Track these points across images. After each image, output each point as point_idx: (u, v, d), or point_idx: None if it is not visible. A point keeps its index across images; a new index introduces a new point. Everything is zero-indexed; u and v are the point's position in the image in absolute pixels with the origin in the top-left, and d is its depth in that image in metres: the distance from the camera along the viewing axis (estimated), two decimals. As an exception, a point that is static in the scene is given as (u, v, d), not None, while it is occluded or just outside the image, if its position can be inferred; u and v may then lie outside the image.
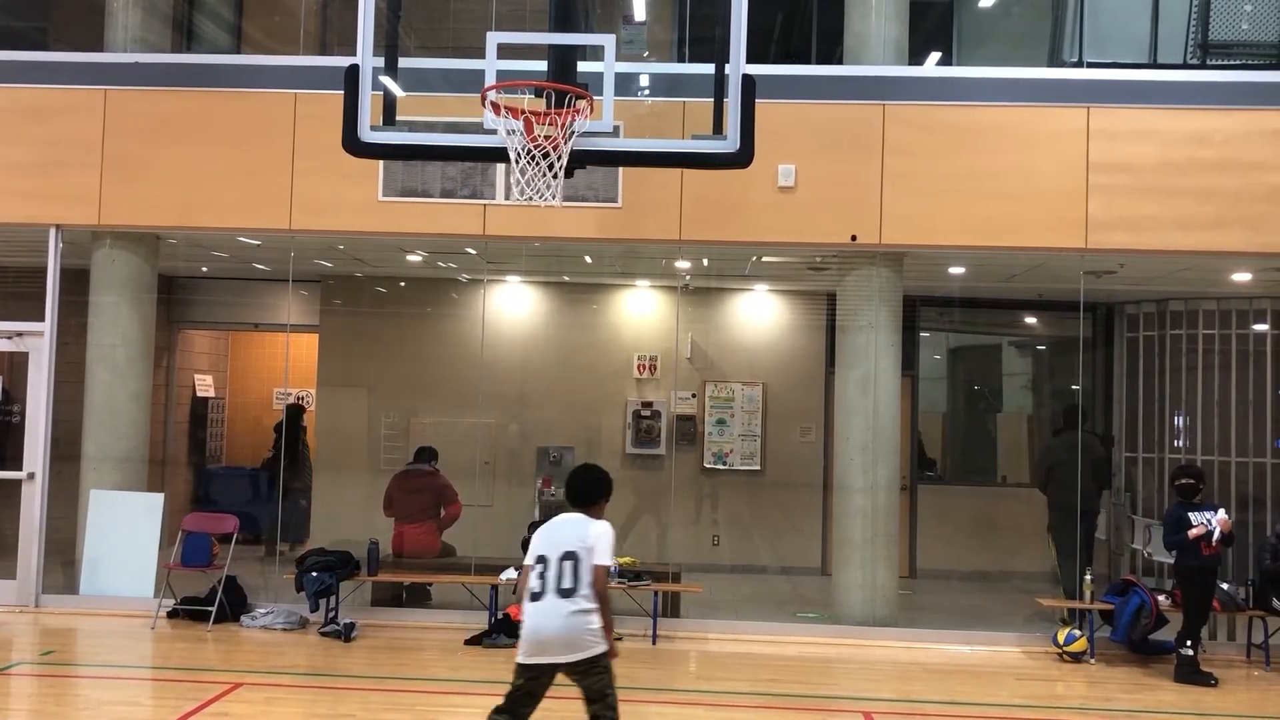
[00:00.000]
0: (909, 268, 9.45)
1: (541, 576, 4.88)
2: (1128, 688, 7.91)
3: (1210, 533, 7.97)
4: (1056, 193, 8.85)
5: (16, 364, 9.89)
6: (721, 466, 11.99)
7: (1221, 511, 8.11)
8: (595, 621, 4.87)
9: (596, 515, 5.09)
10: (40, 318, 9.40)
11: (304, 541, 11.30)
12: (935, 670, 8.25)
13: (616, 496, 5.33)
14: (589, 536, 4.94)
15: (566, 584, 4.86)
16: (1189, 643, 8.00)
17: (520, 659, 4.93)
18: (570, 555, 4.89)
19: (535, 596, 4.89)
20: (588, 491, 5.15)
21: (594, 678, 4.91)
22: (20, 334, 9.49)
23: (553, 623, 4.85)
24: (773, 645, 8.81)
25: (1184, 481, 8.27)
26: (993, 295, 12.08)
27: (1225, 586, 8.62)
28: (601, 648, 4.90)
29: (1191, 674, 7.94)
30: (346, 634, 8.50)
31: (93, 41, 9.74)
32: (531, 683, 4.95)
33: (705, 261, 10.61)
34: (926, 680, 7.97)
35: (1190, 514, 8.08)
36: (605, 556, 4.94)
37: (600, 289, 12.16)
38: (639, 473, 11.88)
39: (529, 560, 4.99)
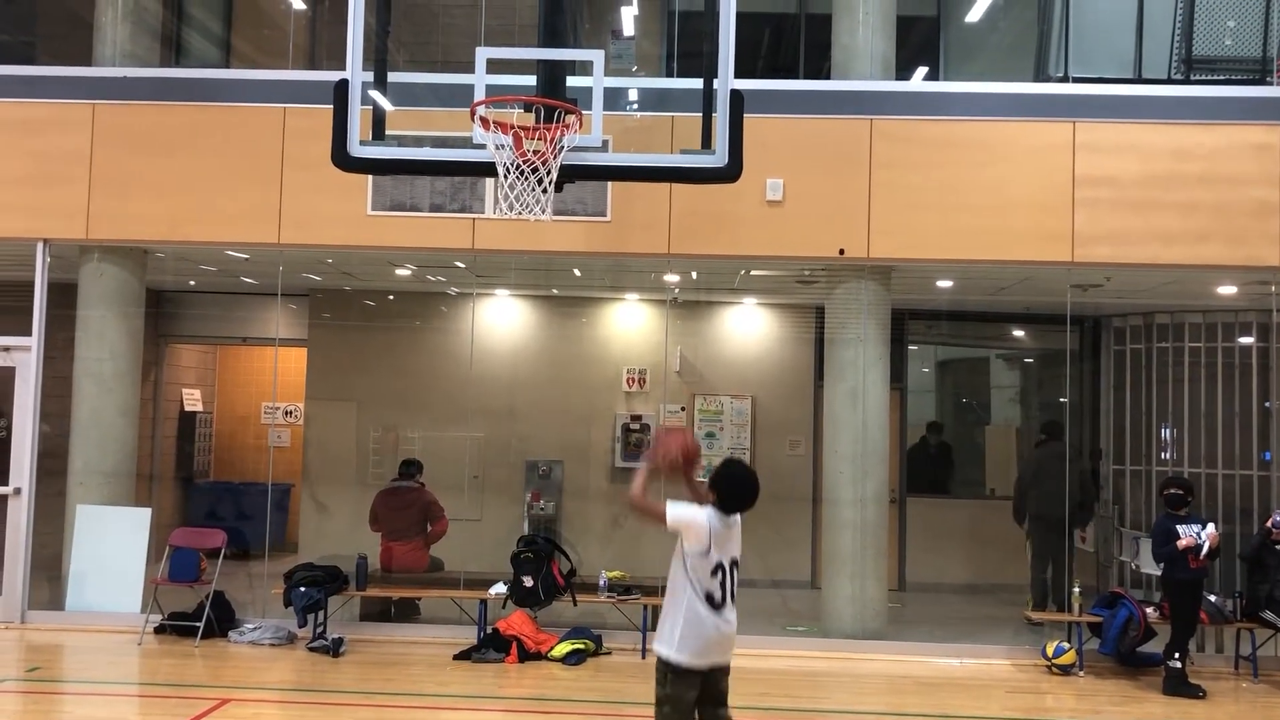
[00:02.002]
0: (897, 281, 9.49)
1: (723, 585, 4.84)
2: (1116, 700, 7.92)
3: (1199, 546, 8.00)
4: (1042, 206, 8.91)
5: (3, 378, 9.83)
6: (711, 480, 11.95)
7: (1211, 526, 8.15)
8: None
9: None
10: (27, 332, 9.37)
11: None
12: (925, 683, 8.25)
13: (604, 510, 5.33)
14: (740, 540, 4.96)
15: (734, 590, 4.93)
16: (1177, 655, 8.02)
17: (694, 662, 4.83)
18: (735, 563, 4.94)
19: (717, 605, 4.83)
20: (753, 502, 4.96)
21: (726, 680, 5.01)
22: (7, 348, 9.46)
23: (729, 630, 4.91)
24: (762, 659, 8.79)
25: (1172, 491, 8.31)
26: (980, 308, 12.13)
27: (1213, 598, 8.66)
28: None
29: (1180, 686, 7.96)
30: (335, 649, 8.46)
31: (81, 56, 9.73)
32: (701, 686, 4.88)
33: (694, 275, 10.63)
34: (916, 693, 7.97)
35: (1178, 526, 8.12)
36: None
37: (589, 302, 12.16)
38: (628, 486, 11.81)
39: (709, 556, 4.78)
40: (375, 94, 6.43)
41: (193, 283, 12.08)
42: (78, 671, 8.31)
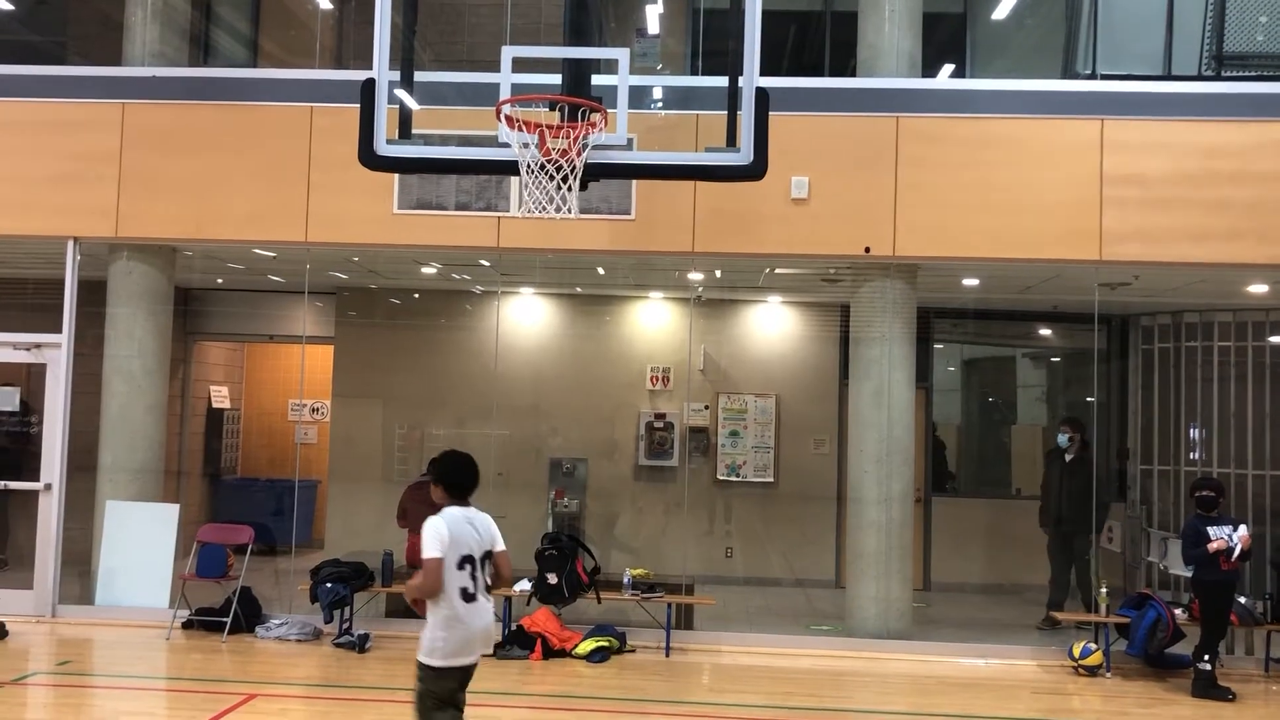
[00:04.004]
0: (923, 279, 9.44)
1: (473, 577, 4.95)
2: (1144, 702, 7.86)
3: (1231, 549, 7.92)
4: (1070, 204, 8.84)
5: (34, 375, 9.95)
6: (735, 478, 11.98)
7: (1243, 528, 8.05)
8: None
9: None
10: (58, 329, 9.47)
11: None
12: (950, 683, 8.22)
13: (629, 507, 5.35)
14: (496, 535, 5.11)
15: (488, 583, 5.04)
16: (1206, 657, 7.95)
17: (450, 662, 4.94)
18: (488, 555, 5.04)
19: (470, 598, 4.93)
20: (475, 480, 5.22)
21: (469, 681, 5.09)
22: (38, 345, 9.56)
23: (485, 622, 5.00)
24: (786, 658, 8.79)
25: (1204, 493, 8.22)
26: (1007, 307, 12.05)
27: (1243, 600, 8.57)
28: None
29: (1209, 688, 7.89)
30: (361, 645, 8.51)
31: (111, 56, 9.83)
32: (461, 685, 5.02)
33: (718, 273, 10.62)
34: (941, 693, 7.94)
35: (1209, 528, 8.04)
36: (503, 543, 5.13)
37: (613, 301, 12.18)
38: (652, 484, 11.87)
39: (447, 555, 4.94)
40: (402, 93, 6.46)
41: (220, 281, 12.18)
42: (107, 665, 8.39)
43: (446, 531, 4.95)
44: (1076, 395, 12.38)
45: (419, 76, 6.71)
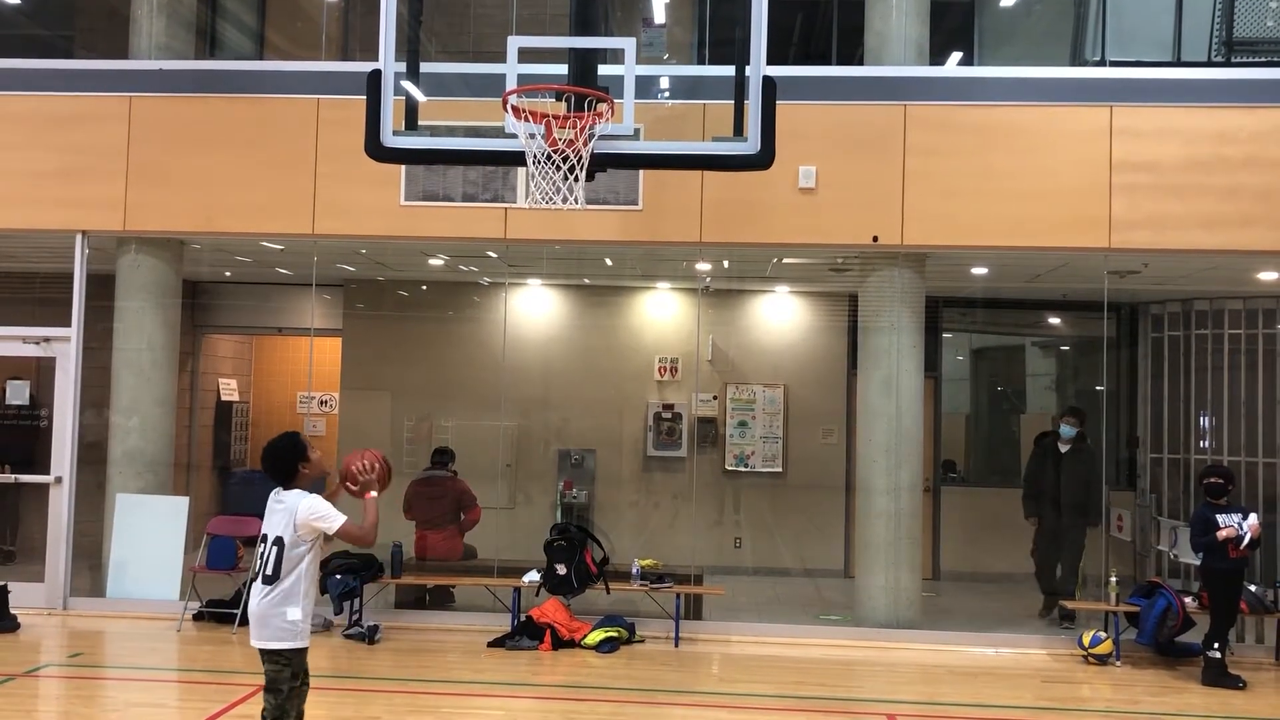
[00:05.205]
0: (931, 268, 9.42)
1: (262, 557, 4.89)
2: (1154, 690, 7.85)
3: (1241, 537, 7.89)
4: (1079, 192, 8.80)
5: (44, 369, 9.98)
6: (743, 469, 11.98)
7: (1253, 517, 8.01)
8: (291, 615, 4.85)
9: (303, 485, 4.90)
10: (67, 323, 9.49)
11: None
12: (959, 672, 8.22)
13: (638, 498, 5.30)
14: (298, 521, 4.78)
15: (269, 571, 4.84)
16: (1216, 645, 7.93)
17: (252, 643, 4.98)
18: (278, 541, 4.82)
19: (253, 577, 4.92)
20: (285, 462, 4.88)
21: (275, 666, 4.90)
22: (47, 339, 9.59)
23: (255, 603, 4.90)
24: (796, 647, 8.79)
25: (1212, 480, 8.18)
26: (1016, 295, 12.02)
27: (1253, 588, 8.55)
28: (292, 644, 4.89)
29: (1219, 676, 7.87)
30: (370, 636, 8.53)
31: (117, 49, 9.83)
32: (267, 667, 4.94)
33: (726, 263, 10.60)
34: (951, 682, 7.94)
35: (1218, 516, 8.01)
36: (333, 519, 4.80)
37: (621, 291, 12.17)
38: (660, 475, 11.88)
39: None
40: (408, 84, 6.45)
41: (228, 274, 12.19)
42: (118, 657, 8.43)
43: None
44: (1086, 384, 12.35)
45: (425, 68, 6.71)
